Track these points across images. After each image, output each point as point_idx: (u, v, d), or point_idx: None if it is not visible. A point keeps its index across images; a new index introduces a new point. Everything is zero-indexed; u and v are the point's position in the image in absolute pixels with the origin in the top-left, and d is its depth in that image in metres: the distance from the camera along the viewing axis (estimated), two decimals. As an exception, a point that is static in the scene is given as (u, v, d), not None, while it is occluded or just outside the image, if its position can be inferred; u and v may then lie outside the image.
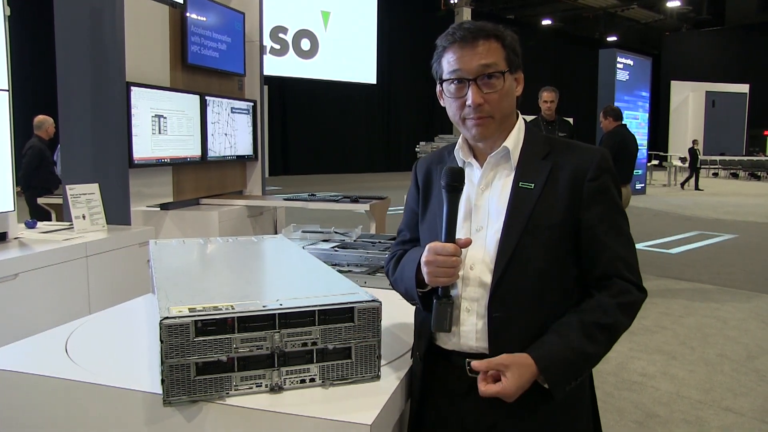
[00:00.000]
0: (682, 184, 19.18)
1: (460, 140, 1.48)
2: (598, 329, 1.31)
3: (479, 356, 1.36)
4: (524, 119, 1.48)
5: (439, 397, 1.45)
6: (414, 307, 1.54)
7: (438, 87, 1.44)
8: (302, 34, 17.34)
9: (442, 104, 1.46)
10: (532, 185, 1.37)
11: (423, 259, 1.34)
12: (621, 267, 1.35)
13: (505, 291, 1.34)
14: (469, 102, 1.35)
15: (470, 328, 1.38)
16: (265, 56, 6.47)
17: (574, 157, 1.39)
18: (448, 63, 1.38)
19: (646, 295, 1.37)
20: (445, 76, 1.40)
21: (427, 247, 1.34)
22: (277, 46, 16.74)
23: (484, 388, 1.29)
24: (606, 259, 1.35)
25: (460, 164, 1.46)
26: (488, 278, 1.35)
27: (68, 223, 3.73)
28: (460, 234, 1.38)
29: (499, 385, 1.28)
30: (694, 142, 19.73)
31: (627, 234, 1.39)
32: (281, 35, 16.87)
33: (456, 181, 1.33)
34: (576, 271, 1.39)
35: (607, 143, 6.26)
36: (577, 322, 1.32)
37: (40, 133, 7.42)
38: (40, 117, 7.48)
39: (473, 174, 1.45)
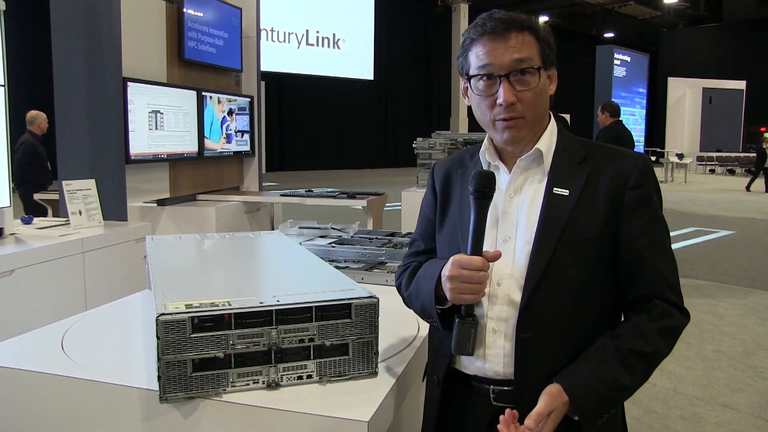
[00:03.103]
0: (748, 187, 16.88)
1: (485, 141, 1.34)
2: (636, 358, 1.18)
3: (505, 383, 1.25)
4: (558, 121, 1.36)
5: (457, 425, 1.34)
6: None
7: (463, 83, 1.31)
8: (299, 29, 17.31)
9: (466, 103, 1.33)
10: (567, 192, 1.24)
11: (446, 273, 1.20)
12: (663, 287, 1.22)
13: (536, 310, 1.21)
14: (500, 101, 1.22)
15: (498, 352, 1.25)
16: (261, 52, 6.45)
17: (614, 162, 1.26)
18: (476, 57, 1.25)
19: (688, 319, 1.24)
20: (472, 72, 1.26)
21: (450, 260, 1.20)
22: (274, 42, 16.71)
23: None
24: (647, 277, 1.22)
25: (485, 167, 1.33)
26: (518, 295, 1.23)
27: (65, 219, 3.72)
28: (485, 245, 1.23)
29: (538, 431, 1.14)
30: (764, 140, 17.31)
31: (669, 250, 1.26)
32: (278, 30, 16.83)
33: (486, 186, 1.20)
34: (614, 289, 1.26)
35: (602, 139, 6.28)
36: (612, 349, 1.19)
37: (33, 128, 7.39)
38: (33, 112, 7.44)
39: (500, 179, 1.31)
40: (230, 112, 5.92)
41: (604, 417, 1.19)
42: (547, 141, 1.29)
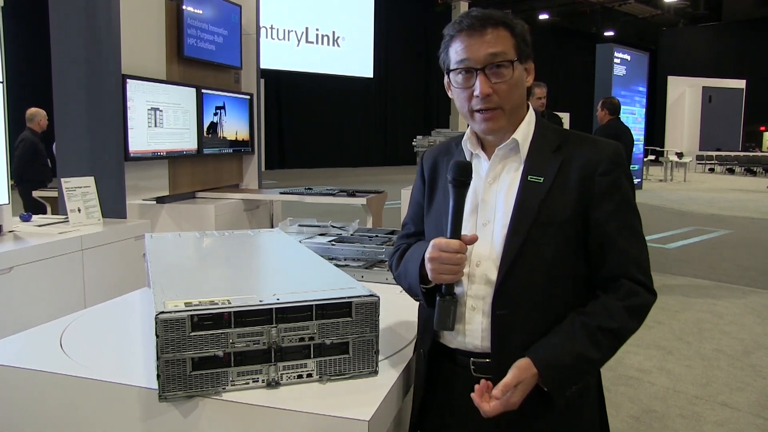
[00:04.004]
0: None
1: (468, 131, 1.43)
2: (602, 334, 1.26)
3: (484, 355, 1.33)
4: (536, 112, 1.43)
5: (443, 396, 1.42)
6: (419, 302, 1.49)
7: (446, 78, 1.39)
8: (299, 27, 17.28)
9: (449, 95, 1.40)
10: (542, 179, 1.32)
11: (427, 255, 1.30)
12: (631, 267, 1.30)
13: (510, 288, 1.30)
14: (477, 92, 1.31)
15: (476, 327, 1.34)
16: (261, 49, 6.44)
17: (586, 150, 1.34)
18: (455, 52, 1.33)
19: (655, 298, 1.31)
20: (452, 66, 1.35)
21: (431, 243, 1.30)
22: (274, 39, 16.68)
23: (489, 409, 1.23)
24: (615, 258, 1.30)
25: (467, 156, 1.42)
26: (494, 275, 1.31)
27: (63, 217, 3.71)
28: (466, 229, 1.33)
29: (506, 401, 1.22)
30: None
31: (639, 233, 1.33)
32: (278, 28, 16.80)
33: (463, 175, 1.28)
34: (586, 270, 1.34)
35: (601, 135, 6.23)
36: (581, 325, 1.27)
37: (32, 125, 7.38)
38: (32, 109, 7.43)
39: (481, 167, 1.40)
40: (229, 110, 5.90)
41: (572, 388, 1.28)
42: (524, 131, 1.37)
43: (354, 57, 18.33)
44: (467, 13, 1.34)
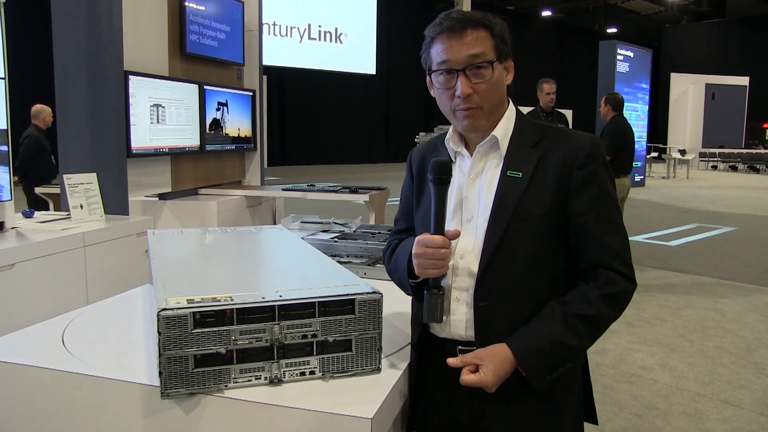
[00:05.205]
0: None
1: (450, 130, 1.46)
2: (579, 321, 1.30)
3: (469, 344, 1.37)
4: (517, 108, 1.45)
5: (434, 384, 1.46)
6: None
7: (428, 78, 1.43)
8: (302, 23, 17.27)
9: (432, 95, 1.44)
10: (520, 174, 1.35)
11: (413, 251, 1.35)
12: (608, 257, 1.32)
13: (491, 280, 1.33)
14: (458, 93, 1.34)
15: (460, 318, 1.38)
16: (263, 46, 6.43)
17: (564, 144, 1.36)
18: (436, 53, 1.37)
19: (634, 287, 1.34)
20: (433, 67, 1.39)
21: (416, 239, 1.35)
22: (276, 36, 16.67)
23: (465, 377, 1.30)
24: (592, 248, 1.33)
25: (451, 154, 1.46)
26: (476, 268, 1.35)
27: (66, 213, 3.71)
28: (452, 224, 1.39)
29: (478, 375, 1.29)
30: None
31: (617, 223, 1.36)
32: (280, 24, 16.79)
33: (443, 174, 1.33)
34: (566, 261, 1.38)
35: (608, 135, 6.20)
36: (559, 312, 1.31)
37: (38, 122, 7.39)
38: (38, 106, 7.44)
39: (464, 164, 1.44)
40: (232, 106, 5.89)
41: (552, 374, 1.32)
42: (504, 128, 1.40)
43: (356, 54, 18.33)
44: (447, 14, 1.37)
